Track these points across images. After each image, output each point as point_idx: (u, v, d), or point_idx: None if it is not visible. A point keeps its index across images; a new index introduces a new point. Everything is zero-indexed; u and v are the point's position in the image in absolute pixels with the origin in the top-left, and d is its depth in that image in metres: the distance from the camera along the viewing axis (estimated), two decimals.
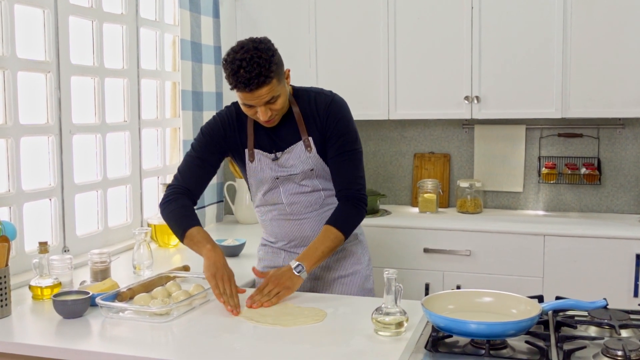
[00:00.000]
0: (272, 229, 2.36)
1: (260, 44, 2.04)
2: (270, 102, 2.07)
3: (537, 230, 3.33)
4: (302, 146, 2.21)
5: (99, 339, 1.83)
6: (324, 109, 2.21)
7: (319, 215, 2.29)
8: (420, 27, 3.61)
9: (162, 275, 2.28)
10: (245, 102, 2.08)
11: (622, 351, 1.53)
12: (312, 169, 2.23)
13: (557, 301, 1.79)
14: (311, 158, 2.22)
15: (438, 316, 1.65)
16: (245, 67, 1.98)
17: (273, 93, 2.05)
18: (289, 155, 2.22)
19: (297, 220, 2.30)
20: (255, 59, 1.99)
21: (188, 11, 3.31)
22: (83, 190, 2.79)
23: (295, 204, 2.28)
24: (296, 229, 2.31)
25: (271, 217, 2.33)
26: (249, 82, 1.99)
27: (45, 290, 2.14)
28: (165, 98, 3.40)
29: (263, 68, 1.99)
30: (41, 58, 2.59)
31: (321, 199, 2.28)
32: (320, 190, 2.27)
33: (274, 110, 2.10)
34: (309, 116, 2.22)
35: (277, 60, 2.05)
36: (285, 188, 2.26)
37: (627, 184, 3.71)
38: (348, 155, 2.22)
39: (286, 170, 2.23)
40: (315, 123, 2.21)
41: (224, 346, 1.73)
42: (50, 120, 2.62)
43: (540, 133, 3.82)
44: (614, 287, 3.19)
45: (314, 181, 2.26)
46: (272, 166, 2.23)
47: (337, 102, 2.24)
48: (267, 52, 2.02)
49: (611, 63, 3.34)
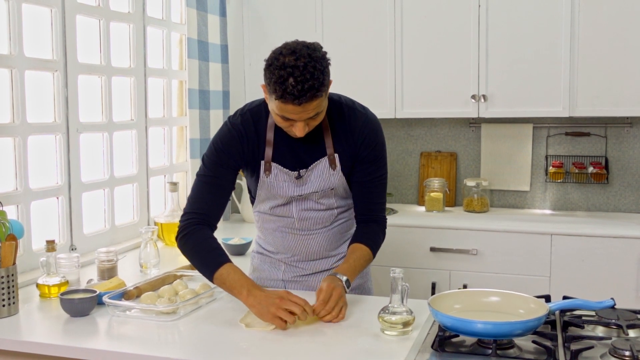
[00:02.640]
0: (274, 240, 2.19)
1: (314, 51, 1.81)
2: (313, 116, 1.85)
3: (544, 230, 3.32)
4: (327, 162, 2.03)
5: (105, 338, 1.84)
6: (359, 128, 2.02)
7: (328, 231, 2.16)
8: (427, 25, 3.60)
9: (169, 274, 2.28)
10: (286, 114, 1.83)
11: (629, 351, 1.53)
12: (333, 189, 2.07)
13: (565, 301, 1.78)
14: (334, 176, 2.05)
15: (445, 315, 1.64)
16: (296, 77, 1.75)
17: (319, 109, 1.84)
18: (311, 172, 2.04)
19: (305, 235, 2.15)
20: (309, 68, 1.75)
21: (195, 10, 3.31)
22: (90, 188, 2.79)
23: (306, 220, 2.12)
24: (302, 244, 2.16)
25: (275, 227, 2.16)
26: (300, 95, 1.75)
27: (53, 288, 2.14)
28: (172, 96, 3.41)
29: (316, 80, 1.76)
30: (48, 57, 2.59)
31: (333, 216, 2.15)
32: (334, 208, 2.14)
33: (311, 126, 1.90)
34: (338, 131, 2.03)
35: (329, 72, 1.84)
36: (298, 204, 2.09)
37: (634, 183, 3.69)
38: (377, 182, 2.09)
39: (305, 189, 2.05)
40: (346, 140, 2.03)
41: (231, 345, 1.73)
42: (57, 119, 2.62)
43: (548, 132, 3.81)
44: (621, 287, 3.18)
45: (330, 200, 2.11)
46: (290, 184, 2.05)
47: (373, 122, 2.06)
48: (322, 61, 1.80)
49: (619, 61, 3.33)
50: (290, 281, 2.24)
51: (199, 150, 3.37)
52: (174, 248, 2.99)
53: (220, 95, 3.58)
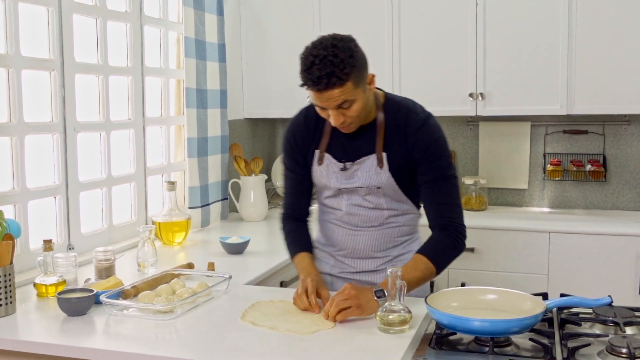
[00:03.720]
0: (326, 232, 2.24)
1: (339, 41, 1.86)
2: (343, 106, 1.90)
3: (542, 228, 3.33)
4: (375, 160, 2.06)
5: (103, 337, 1.84)
6: (414, 131, 2.02)
7: (376, 232, 2.14)
8: (425, 24, 3.60)
9: (167, 273, 2.28)
10: (316, 102, 1.93)
11: (626, 348, 1.53)
12: (379, 187, 2.07)
13: (562, 298, 1.78)
14: (380, 175, 2.06)
15: (442, 313, 1.65)
16: (317, 65, 1.83)
17: (346, 97, 1.88)
18: (358, 167, 2.07)
19: (353, 230, 2.16)
20: (329, 57, 1.82)
21: (192, 9, 3.31)
22: (88, 188, 2.79)
23: (354, 216, 2.14)
24: (349, 239, 2.17)
25: (327, 219, 2.22)
26: (318, 81, 1.84)
27: (50, 287, 2.14)
28: (170, 96, 3.40)
29: (336, 68, 1.82)
30: (45, 56, 2.59)
31: (382, 218, 2.13)
32: (384, 209, 2.12)
33: (347, 117, 1.94)
34: (393, 131, 2.04)
35: (356, 63, 1.87)
36: (348, 197, 2.12)
37: (632, 181, 3.69)
38: (441, 182, 2.03)
39: (351, 183, 2.09)
40: (399, 141, 2.04)
41: (228, 344, 1.73)
42: (54, 118, 2.62)
43: (546, 130, 3.81)
44: (619, 284, 3.18)
45: (379, 199, 2.10)
46: (338, 176, 2.10)
47: (430, 125, 2.04)
48: (345, 51, 1.85)
49: (616, 59, 3.33)
50: (336, 277, 2.25)
51: (196, 149, 3.36)
52: (171, 247, 3.00)
53: (217, 94, 3.57)
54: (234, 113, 3.89)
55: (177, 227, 3.01)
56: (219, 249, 2.87)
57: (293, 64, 3.85)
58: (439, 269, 2.00)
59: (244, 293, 2.18)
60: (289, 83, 3.90)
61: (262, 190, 3.64)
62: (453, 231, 2.03)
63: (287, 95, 3.91)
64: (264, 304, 2.01)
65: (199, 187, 3.39)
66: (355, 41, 1.92)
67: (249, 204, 3.60)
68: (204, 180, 3.44)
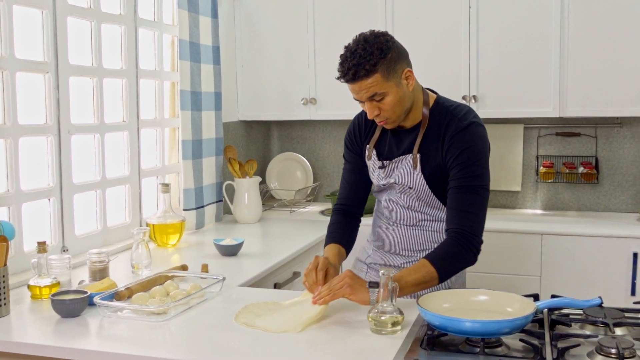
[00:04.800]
0: (373, 223, 2.37)
1: (372, 36, 1.96)
2: (375, 98, 1.97)
3: (535, 229, 3.34)
4: (410, 161, 2.11)
5: (97, 338, 1.84)
6: (451, 134, 2.03)
7: (408, 230, 2.21)
8: (418, 26, 3.62)
9: (161, 275, 2.28)
10: (352, 94, 2.02)
11: (615, 349, 1.54)
12: (411, 187, 2.12)
13: (552, 299, 1.80)
14: (414, 176, 2.10)
15: (433, 314, 1.66)
16: (348, 57, 1.94)
17: (376, 89, 1.95)
18: (395, 165, 2.15)
19: (388, 224, 2.26)
20: (359, 50, 1.92)
21: (186, 11, 3.32)
22: (82, 190, 2.80)
23: (390, 210, 2.24)
24: (384, 232, 2.28)
25: (376, 210, 2.35)
26: (347, 71, 1.94)
27: (44, 289, 2.15)
28: (164, 98, 3.41)
29: (364, 59, 1.91)
30: (40, 59, 2.60)
31: (415, 219, 2.19)
32: (417, 211, 2.17)
33: (383, 110, 2.00)
34: (434, 133, 2.07)
35: (386, 55, 1.93)
36: (388, 192, 2.23)
37: (624, 183, 3.72)
38: (466, 190, 2.00)
39: (388, 179, 2.18)
40: (436, 144, 2.07)
41: (222, 345, 1.74)
42: (49, 121, 2.63)
43: (538, 132, 3.83)
44: (611, 286, 3.20)
45: (412, 201, 2.16)
46: (379, 172, 2.20)
47: (470, 131, 2.03)
48: (377, 44, 1.93)
49: (609, 62, 3.35)
50: (370, 267, 2.35)
51: (190, 151, 3.37)
52: (166, 249, 3.00)
53: (212, 96, 3.58)
54: (228, 115, 3.90)
55: (172, 229, 3.02)
56: (213, 251, 2.88)
57: (288, 66, 3.90)
58: (442, 276, 1.94)
59: (237, 295, 2.19)
60: (283, 85, 3.91)
61: (256, 192, 3.65)
62: (464, 241, 1.97)
63: (281, 97, 3.93)
64: (256, 305, 2.02)
65: (193, 189, 3.40)
66: (389, 36, 2.00)
67: (243, 206, 3.61)
68: (198, 182, 3.45)
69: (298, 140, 4.37)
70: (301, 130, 4.36)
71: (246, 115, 4.04)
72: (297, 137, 4.38)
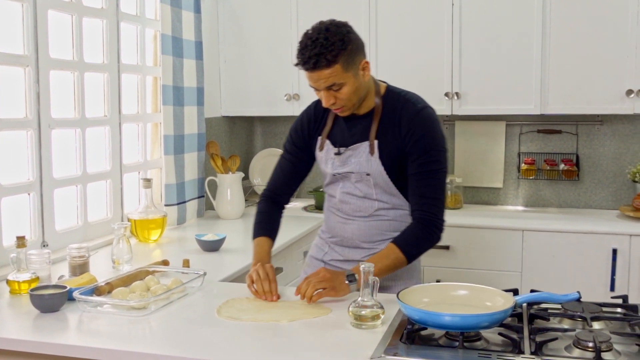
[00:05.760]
0: (326, 219, 2.34)
1: (333, 26, 1.98)
2: (333, 88, 2.00)
3: (516, 226, 3.37)
4: (367, 147, 2.13)
5: (76, 333, 1.84)
6: (407, 121, 2.08)
7: (365, 223, 2.20)
8: (401, 24, 3.63)
9: (141, 270, 2.27)
10: (309, 82, 2.03)
11: (592, 342, 1.56)
12: (369, 174, 2.14)
13: (531, 294, 1.81)
14: (371, 162, 2.12)
15: (413, 309, 1.67)
16: (310, 46, 1.95)
17: (336, 79, 1.98)
18: (351, 152, 2.16)
19: (344, 219, 2.24)
20: (321, 39, 1.94)
21: (169, 6, 3.30)
22: (62, 185, 2.78)
23: (345, 204, 2.22)
24: (340, 227, 2.25)
25: (327, 206, 2.33)
26: (308, 61, 1.95)
27: (23, 284, 2.13)
28: (146, 93, 3.39)
29: (325, 49, 1.93)
30: (20, 52, 2.57)
31: (372, 209, 2.19)
32: (373, 200, 2.18)
33: (338, 99, 2.03)
34: (389, 121, 2.11)
35: (347, 46, 1.96)
36: (342, 184, 2.21)
37: (605, 180, 3.75)
38: (428, 175, 2.07)
39: (344, 168, 2.18)
40: (392, 131, 2.10)
41: (202, 340, 1.73)
42: (29, 115, 2.60)
43: (520, 129, 3.86)
44: (591, 281, 3.23)
45: (369, 189, 2.17)
46: (333, 161, 2.19)
47: (424, 116, 2.09)
48: (337, 35, 1.95)
49: (590, 60, 3.38)
50: (327, 264, 2.32)
51: (172, 146, 3.36)
52: (147, 244, 2.99)
53: (194, 91, 3.57)
54: (211, 111, 3.89)
55: (153, 224, 3.01)
56: (194, 247, 2.87)
57: (271, 61, 3.89)
58: (410, 259, 2.08)
59: (218, 290, 2.19)
60: (267, 81, 3.91)
61: (239, 188, 3.64)
62: (429, 225, 2.07)
63: (265, 93, 3.92)
64: (238, 301, 2.02)
65: (175, 184, 3.39)
66: (349, 27, 2.02)
67: (226, 202, 3.60)
68: (180, 177, 3.43)
69: (281, 136, 4.36)
70: (284, 126, 4.35)
71: (229, 111, 4.03)
72: (281, 133, 4.37)
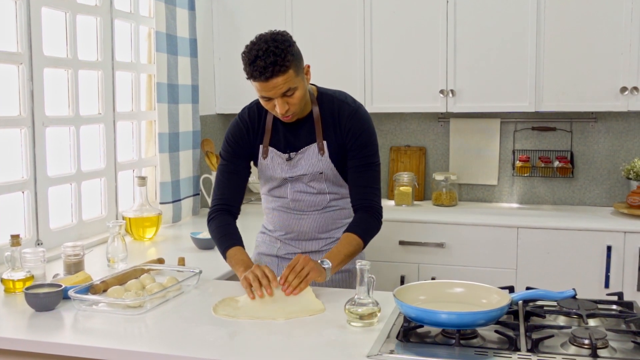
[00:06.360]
0: (273, 218, 2.38)
1: (278, 35, 2.05)
2: (287, 94, 2.06)
3: (511, 223, 3.37)
4: (316, 148, 2.23)
5: (71, 332, 1.83)
6: (346, 120, 2.22)
7: (320, 215, 2.32)
8: (396, 21, 3.63)
9: (137, 268, 2.27)
10: (263, 93, 2.07)
11: (588, 339, 1.56)
12: (322, 172, 2.25)
13: (527, 291, 1.82)
14: (322, 161, 2.24)
15: (409, 306, 1.67)
16: (261, 57, 1.99)
17: (290, 84, 2.04)
18: (301, 156, 2.24)
19: (298, 214, 2.32)
20: (271, 48, 1.99)
21: (163, 3, 3.29)
22: (57, 183, 2.77)
23: (299, 202, 2.30)
24: (295, 223, 2.33)
25: (274, 206, 2.36)
26: (265, 70, 1.99)
27: (18, 283, 2.12)
28: (141, 90, 3.38)
29: (279, 57, 1.99)
30: (13, 49, 2.56)
31: (325, 201, 2.31)
32: (326, 193, 2.30)
33: (291, 104, 2.09)
34: (328, 121, 2.23)
35: (294, 52, 2.06)
36: (292, 185, 2.29)
37: (599, 177, 3.76)
38: (367, 168, 2.24)
39: (296, 171, 2.25)
40: (334, 130, 2.23)
41: (198, 338, 1.73)
42: (23, 113, 2.59)
43: (515, 126, 3.86)
44: (586, 279, 3.24)
45: (321, 184, 2.28)
46: (283, 166, 2.25)
47: (361, 114, 2.24)
48: (284, 42, 2.03)
49: (584, 57, 3.38)
50: (283, 258, 2.39)
51: (167, 144, 3.35)
52: (142, 242, 2.98)
53: (189, 89, 3.56)
54: (205, 108, 3.88)
55: (148, 222, 3.00)
56: (190, 245, 2.87)
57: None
58: (365, 244, 2.22)
59: (214, 288, 2.19)
60: None
61: None
62: (374, 212, 2.24)
63: None
64: (233, 299, 2.02)
65: (170, 182, 3.38)
66: (289, 34, 2.11)
67: None
68: (175, 175, 3.43)
69: None
70: None
71: (224, 109, 4.02)
72: None
